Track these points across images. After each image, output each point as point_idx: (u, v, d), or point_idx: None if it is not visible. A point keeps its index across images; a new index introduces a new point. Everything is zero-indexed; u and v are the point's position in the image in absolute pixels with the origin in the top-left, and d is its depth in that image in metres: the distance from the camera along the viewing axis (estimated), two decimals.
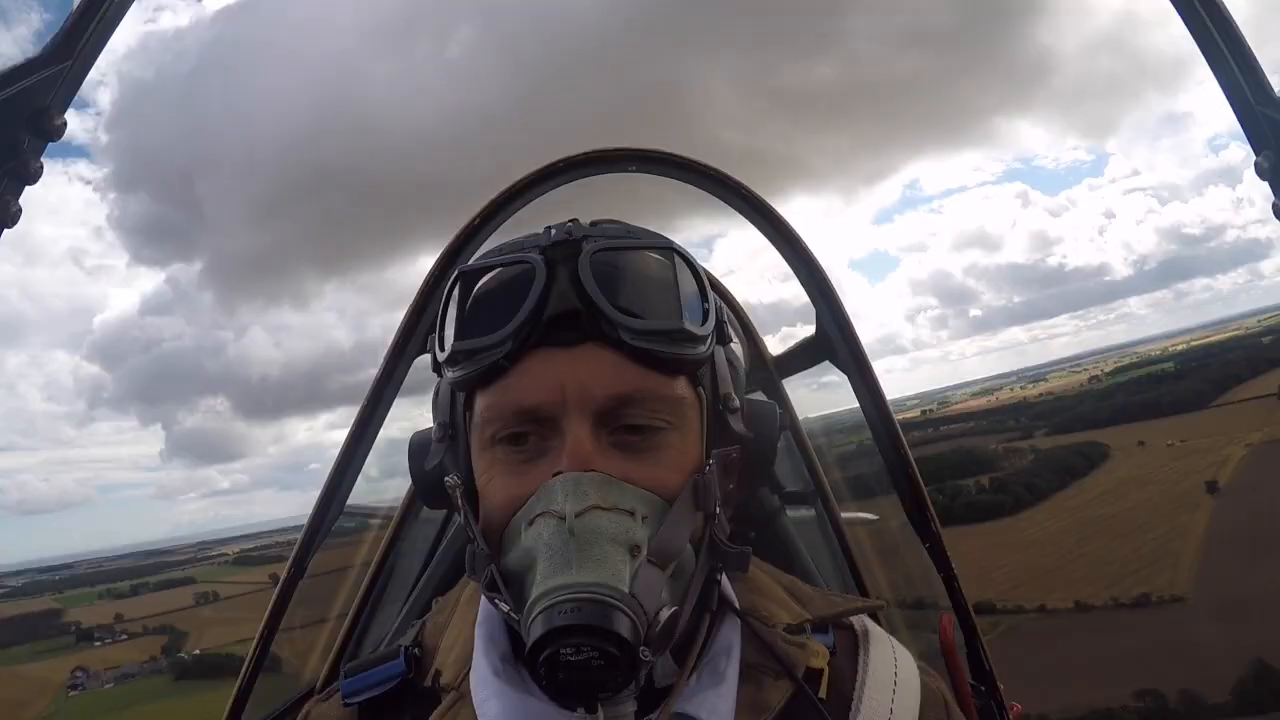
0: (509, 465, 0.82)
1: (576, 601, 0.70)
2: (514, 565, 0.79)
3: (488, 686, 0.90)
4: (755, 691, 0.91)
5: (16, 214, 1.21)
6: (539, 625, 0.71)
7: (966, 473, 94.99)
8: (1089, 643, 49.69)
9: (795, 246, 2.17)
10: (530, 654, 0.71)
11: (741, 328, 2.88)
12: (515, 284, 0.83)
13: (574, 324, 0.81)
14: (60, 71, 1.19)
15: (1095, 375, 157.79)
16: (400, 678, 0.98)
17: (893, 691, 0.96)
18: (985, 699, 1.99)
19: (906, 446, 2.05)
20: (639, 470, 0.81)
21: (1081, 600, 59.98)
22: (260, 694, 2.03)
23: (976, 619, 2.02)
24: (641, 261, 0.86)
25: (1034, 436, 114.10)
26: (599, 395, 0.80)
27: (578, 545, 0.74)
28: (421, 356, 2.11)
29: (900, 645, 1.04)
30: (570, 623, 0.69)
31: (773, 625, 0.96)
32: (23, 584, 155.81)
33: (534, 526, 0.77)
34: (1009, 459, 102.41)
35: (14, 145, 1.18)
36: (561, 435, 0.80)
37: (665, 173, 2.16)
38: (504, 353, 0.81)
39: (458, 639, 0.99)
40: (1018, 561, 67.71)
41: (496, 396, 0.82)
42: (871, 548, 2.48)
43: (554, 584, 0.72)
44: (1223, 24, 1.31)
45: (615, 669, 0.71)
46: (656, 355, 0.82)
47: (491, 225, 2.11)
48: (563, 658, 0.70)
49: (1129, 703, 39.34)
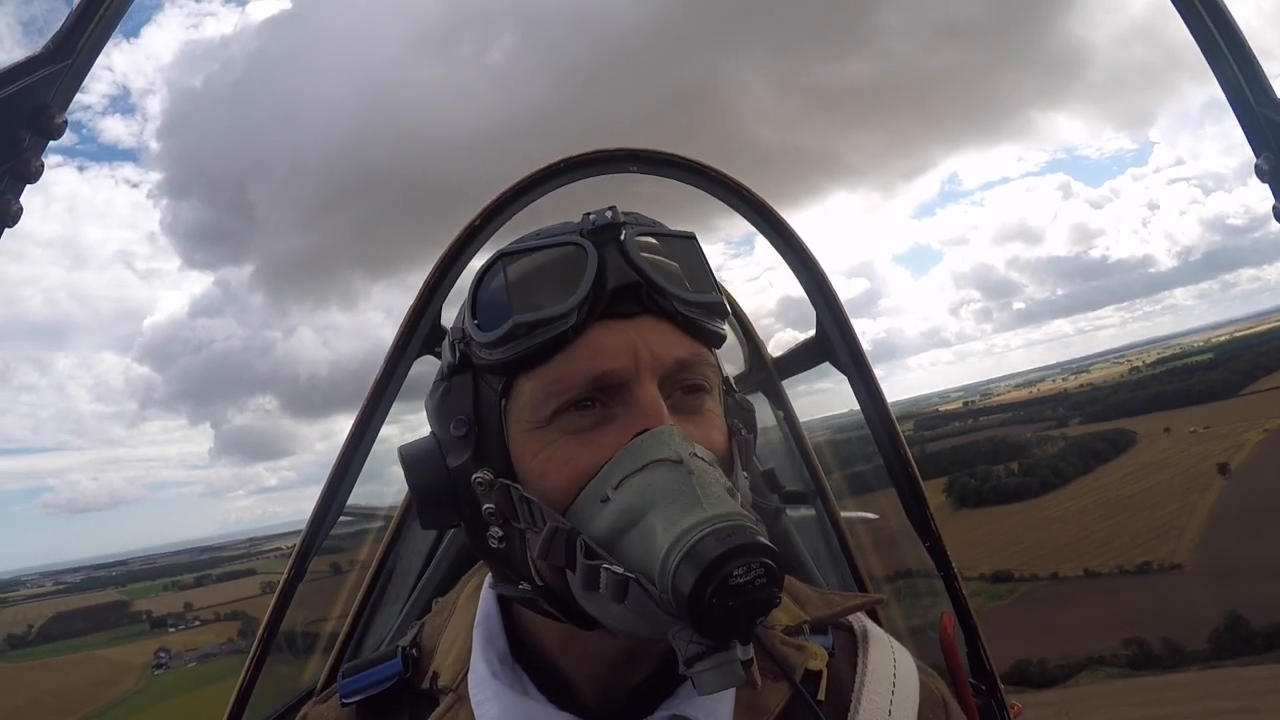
0: (573, 436, 0.81)
1: (726, 529, 0.70)
2: (609, 528, 0.76)
3: (486, 688, 0.89)
4: (753, 693, 0.90)
5: (17, 213, 1.21)
6: (691, 565, 0.68)
7: (998, 459, 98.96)
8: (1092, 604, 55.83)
9: (795, 247, 2.17)
10: (694, 595, 0.68)
11: (742, 329, 2.89)
12: (567, 263, 0.83)
13: (634, 296, 0.83)
14: (60, 70, 1.19)
15: (1136, 367, 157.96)
16: (397, 677, 0.97)
17: (891, 692, 0.95)
18: (986, 698, 1.99)
19: (906, 447, 2.05)
20: (695, 430, 0.83)
21: (1090, 568, 65.55)
22: (261, 694, 2.03)
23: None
24: (678, 244, 0.90)
25: (1068, 425, 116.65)
26: (666, 360, 0.82)
27: (700, 483, 0.74)
28: (421, 357, 2.11)
29: (899, 645, 1.04)
30: (729, 546, 0.68)
31: (770, 626, 0.96)
32: (81, 580, 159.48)
33: (632, 482, 0.76)
34: (1040, 446, 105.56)
35: (14, 144, 1.17)
36: (626, 402, 0.81)
37: (666, 173, 2.16)
38: (572, 323, 0.80)
39: (455, 640, 0.98)
40: (1038, 538, 72.54)
41: (561, 369, 0.81)
42: (872, 547, 2.49)
43: (695, 519, 0.71)
44: (1223, 24, 1.31)
45: (775, 584, 0.70)
46: (702, 326, 0.86)
47: (493, 225, 2.11)
48: (732, 580, 0.68)
49: (1118, 650, 45.71)
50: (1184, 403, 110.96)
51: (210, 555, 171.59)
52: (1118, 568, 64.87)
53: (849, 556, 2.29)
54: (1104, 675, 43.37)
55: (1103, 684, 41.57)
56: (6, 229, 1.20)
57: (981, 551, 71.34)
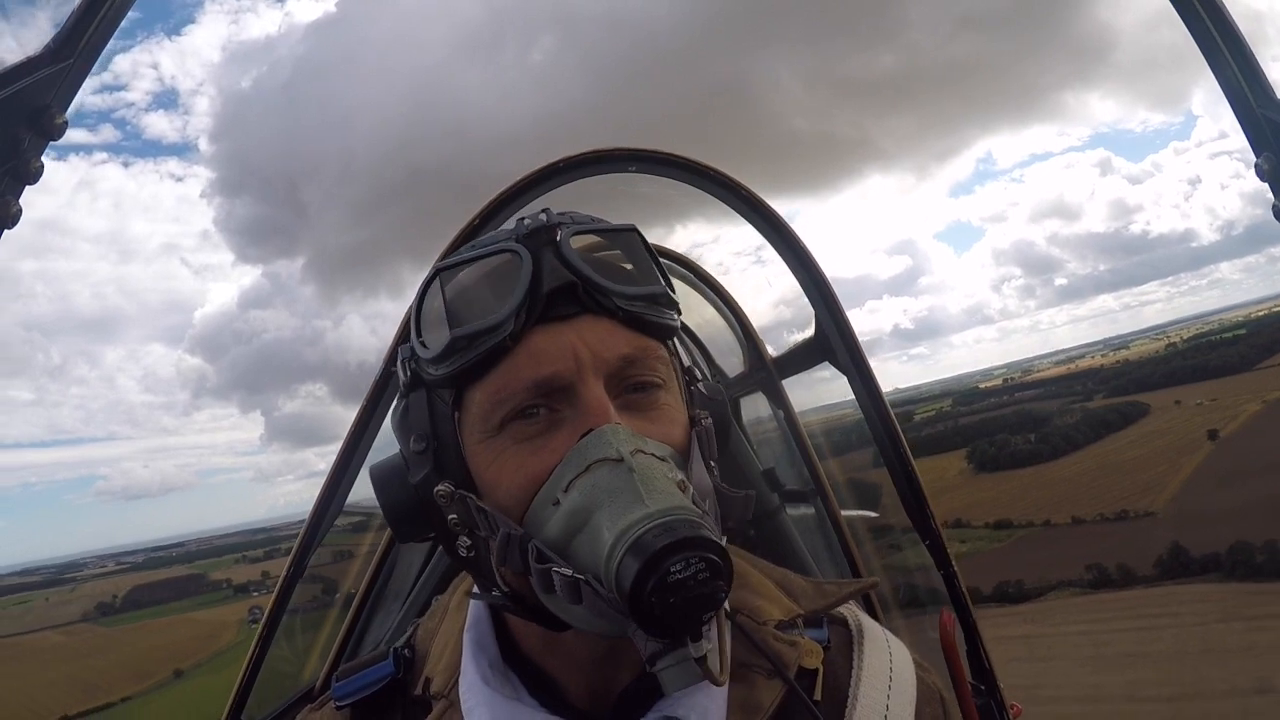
0: (522, 444, 0.81)
1: (666, 523, 0.70)
2: (560, 531, 0.77)
3: (477, 694, 0.89)
4: (747, 692, 0.89)
5: (17, 214, 1.20)
6: (633, 558, 0.68)
7: (1020, 430, 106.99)
8: (1073, 543, 67.21)
9: (794, 247, 2.17)
10: (635, 589, 0.68)
11: (741, 329, 2.89)
12: (503, 270, 0.83)
13: (571, 297, 0.83)
14: (61, 70, 1.18)
15: (1172, 343, 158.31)
16: (389, 678, 0.97)
17: (888, 687, 0.94)
18: (985, 698, 1.99)
19: (906, 446, 2.05)
20: (649, 426, 0.83)
21: (1077, 516, 77.16)
22: (261, 694, 2.03)
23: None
24: (614, 239, 0.91)
25: (1092, 400, 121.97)
26: (608, 358, 0.82)
27: (641, 480, 0.74)
28: None
29: (895, 639, 1.03)
30: (670, 540, 0.68)
31: (763, 622, 0.95)
32: (142, 560, 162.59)
33: (579, 484, 0.76)
34: (1060, 418, 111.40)
35: (14, 144, 1.17)
36: (574, 404, 0.81)
37: (665, 173, 2.16)
38: (509, 332, 0.80)
39: (447, 645, 0.98)
40: (1042, 495, 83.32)
41: (505, 377, 0.81)
42: (871, 545, 2.49)
43: (635, 516, 0.71)
44: (1223, 24, 1.31)
45: (720, 577, 0.69)
46: (646, 319, 0.85)
47: (491, 226, 2.11)
48: (671, 577, 0.68)
49: (1082, 575, 57.16)
50: (1201, 377, 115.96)
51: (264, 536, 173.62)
52: (1099, 515, 75.59)
53: (848, 554, 2.29)
54: (1069, 593, 53.97)
55: (1066, 600, 52.25)
56: (6, 229, 1.20)
57: (991, 506, 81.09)
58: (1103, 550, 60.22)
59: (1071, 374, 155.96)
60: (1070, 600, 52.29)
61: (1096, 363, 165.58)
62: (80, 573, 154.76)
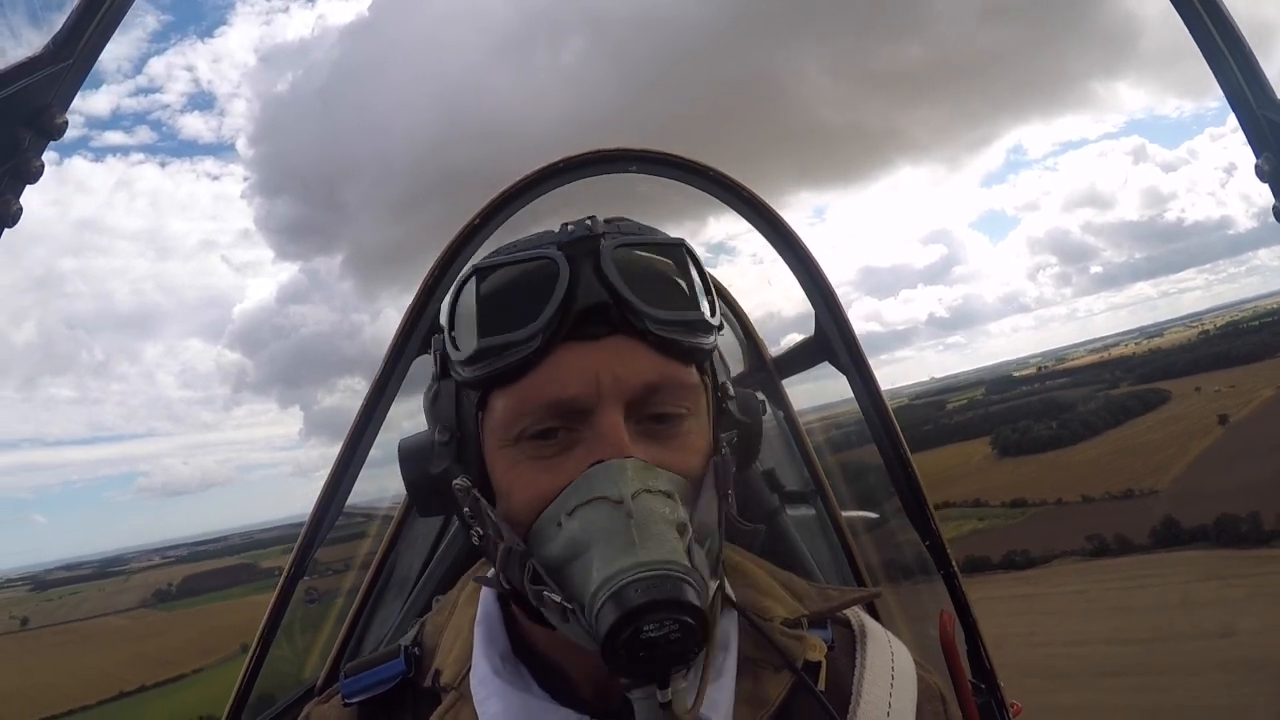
0: (536, 460, 0.82)
1: (650, 579, 0.70)
2: (559, 555, 0.78)
3: (488, 686, 0.90)
4: (754, 685, 0.91)
5: (17, 213, 1.20)
6: (613, 607, 0.70)
7: (1044, 417, 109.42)
8: (1081, 518, 71.17)
9: (794, 247, 2.17)
10: (609, 637, 0.70)
11: (741, 328, 2.89)
12: (538, 279, 0.83)
13: (602, 317, 0.82)
14: (61, 70, 1.18)
15: (1205, 330, 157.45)
16: (401, 677, 0.98)
17: (890, 686, 0.96)
18: (986, 697, 1.99)
19: (906, 446, 2.05)
20: (667, 455, 0.83)
21: (1086, 495, 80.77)
22: (261, 694, 2.03)
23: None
24: (658, 256, 0.89)
25: (1118, 387, 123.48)
26: (632, 384, 0.82)
27: (637, 526, 0.74)
28: (421, 357, 2.11)
29: (897, 640, 1.05)
30: (650, 599, 0.69)
31: (769, 620, 0.97)
32: (187, 553, 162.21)
33: (581, 514, 0.77)
34: (1084, 405, 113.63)
35: (15, 144, 1.17)
36: (592, 426, 0.81)
37: (665, 173, 2.16)
38: (534, 347, 0.81)
39: (457, 638, 0.99)
40: (1059, 477, 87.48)
41: (526, 391, 0.82)
42: (871, 546, 2.49)
43: (623, 564, 0.72)
44: (1223, 24, 1.31)
45: (692, 640, 0.71)
46: (678, 344, 0.84)
47: (491, 225, 2.11)
48: (645, 635, 0.69)
49: (1083, 545, 61.31)
50: (1225, 364, 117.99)
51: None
52: (1107, 493, 79.71)
53: (850, 555, 2.29)
54: (1070, 561, 58.66)
55: (1068, 566, 57.27)
56: (7, 228, 1.20)
57: (1010, 487, 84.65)
58: (1106, 524, 64.44)
59: (1103, 362, 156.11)
60: (1071, 566, 57.26)
61: (1129, 350, 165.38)
62: (126, 566, 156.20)
